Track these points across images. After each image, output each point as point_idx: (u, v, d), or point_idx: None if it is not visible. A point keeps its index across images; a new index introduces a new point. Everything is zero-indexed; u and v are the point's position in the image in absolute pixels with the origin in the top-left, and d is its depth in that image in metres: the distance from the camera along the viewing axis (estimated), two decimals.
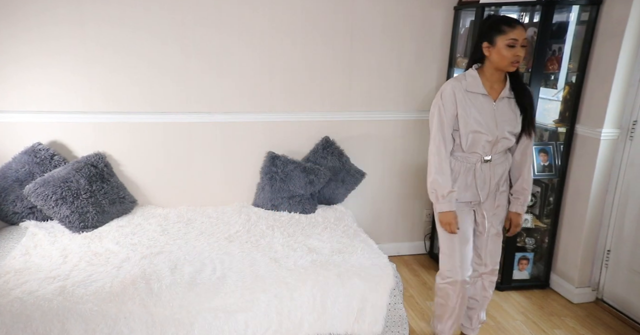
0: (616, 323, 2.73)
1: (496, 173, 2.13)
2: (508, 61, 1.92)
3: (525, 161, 2.16)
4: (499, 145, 2.07)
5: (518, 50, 1.91)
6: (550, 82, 2.95)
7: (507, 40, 1.89)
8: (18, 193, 2.66)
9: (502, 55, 1.92)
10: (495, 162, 2.11)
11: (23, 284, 2.03)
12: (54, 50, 2.74)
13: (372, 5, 3.03)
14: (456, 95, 2.02)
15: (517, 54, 1.91)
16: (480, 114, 2.02)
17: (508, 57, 1.91)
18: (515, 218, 2.23)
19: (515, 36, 1.89)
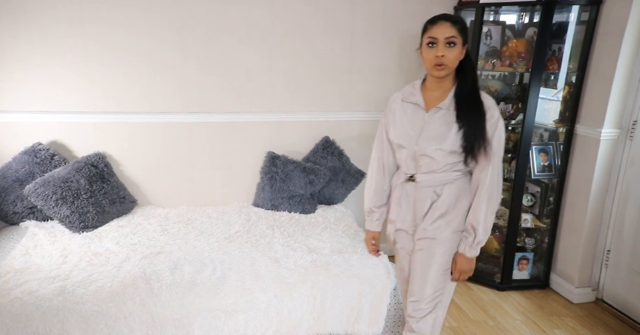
0: (616, 323, 2.73)
1: (425, 196, 1.77)
2: (430, 63, 1.65)
3: (479, 190, 1.72)
4: (421, 163, 1.74)
5: (439, 49, 1.62)
6: (550, 82, 2.95)
7: (426, 39, 1.65)
8: (18, 193, 2.66)
9: (424, 58, 1.67)
10: (424, 184, 1.77)
11: (23, 284, 2.04)
12: (54, 50, 2.74)
13: (372, 6, 3.03)
14: (393, 105, 1.83)
15: (438, 55, 1.62)
16: (408, 125, 1.76)
17: (428, 58, 1.65)
18: (459, 261, 1.77)
19: (433, 33, 1.63)
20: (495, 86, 3.11)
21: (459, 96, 1.69)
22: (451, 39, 1.62)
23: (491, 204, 1.72)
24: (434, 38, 1.63)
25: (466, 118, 1.66)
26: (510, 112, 2.96)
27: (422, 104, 1.74)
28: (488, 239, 3.17)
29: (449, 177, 1.75)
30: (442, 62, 1.62)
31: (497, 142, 1.69)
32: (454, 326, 2.63)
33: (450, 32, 1.62)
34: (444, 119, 1.70)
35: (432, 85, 1.74)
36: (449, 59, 1.63)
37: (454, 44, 1.62)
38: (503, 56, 2.90)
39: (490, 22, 2.99)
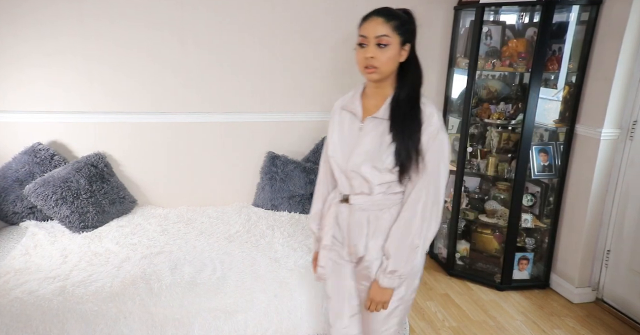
0: (616, 323, 2.73)
1: (359, 222, 1.54)
2: (360, 66, 1.44)
3: (404, 209, 1.48)
4: (354, 183, 1.51)
5: (369, 50, 1.40)
6: (550, 82, 2.95)
7: (358, 38, 1.44)
8: (18, 193, 2.66)
9: (357, 60, 1.45)
10: (358, 207, 1.54)
11: (23, 284, 2.04)
12: (54, 50, 2.74)
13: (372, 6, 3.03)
14: (333, 114, 1.63)
15: (367, 56, 1.40)
16: (343, 138, 1.55)
17: (358, 59, 1.44)
18: (372, 288, 1.56)
19: (364, 31, 1.42)
20: (495, 86, 3.11)
21: (395, 104, 1.46)
22: (382, 39, 1.39)
23: (417, 230, 1.46)
24: (364, 37, 1.41)
25: (399, 129, 1.43)
26: (510, 112, 2.96)
27: (359, 113, 1.52)
28: (488, 239, 3.20)
29: (387, 201, 1.51)
30: (371, 64, 1.40)
31: (435, 158, 1.43)
32: (454, 326, 2.63)
33: (382, 29, 1.38)
34: (378, 130, 1.47)
35: (371, 90, 1.53)
36: (381, 62, 1.40)
37: (386, 44, 1.39)
38: (503, 56, 2.90)
39: (490, 22, 2.99)
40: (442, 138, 1.45)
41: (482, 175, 3.20)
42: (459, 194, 3.10)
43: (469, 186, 3.28)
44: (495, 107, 3.00)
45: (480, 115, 3.01)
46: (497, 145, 3.07)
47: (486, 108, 3.01)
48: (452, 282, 3.13)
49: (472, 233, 3.22)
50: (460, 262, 3.23)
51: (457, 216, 3.13)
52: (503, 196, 3.09)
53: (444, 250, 3.30)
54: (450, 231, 3.20)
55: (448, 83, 3.20)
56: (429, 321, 2.67)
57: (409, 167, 1.43)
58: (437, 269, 3.31)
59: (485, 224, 3.12)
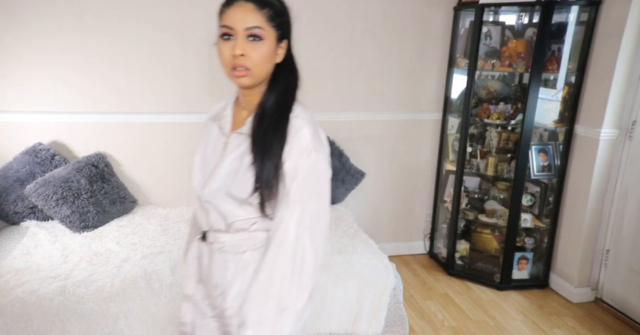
0: (615, 322, 2.73)
1: (220, 267, 1.19)
2: (226, 65, 1.10)
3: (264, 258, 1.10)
4: (210, 216, 1.18)
5: (237, 45, 1.06)
6: (549, 82, 2.95)
7: (220, 29, 1.09)
8: (19, 193, 2.66)
9: (219, 55, 1.11)
10: (217, 247, 1.20)
11: (24, 283, 2.04)
12: (54, 50, 2.75)
13: (372, 6, 3.04)
14: (203, 125, 1.31)
15: (235, 53, 1.06)
16: (205, 156, 1.23)
17: (223, 56, 1.09)
18: None
19: (229, 20, 1.06)
20: (495, 86, 3.11)
21: (260, 116, 1.14)
22: (254, 31, 1.06)
23: (283, 285, 1.06)
24: (229, 27, 1.06)
25: (259, 148, 1.09)
26: (509, 112, 2.96)
27: (227, 127, 1.20)
28: (488, 239, 3.21)
29: (252, 240, 1.16)
30: (242, 64, 1.07)
31: (303, 184, 1.08)
32: (454, 326, 2.64)
33: (254, 19, 1.06)
34: (240, 149, 1.15)
35: (242, 99, 1.20)
36: (253, 61, 1.07)
37: (260, 37, 1.06)
38: (502, 56, 2.90)
39: (490, 22, 3.00)
40: (315, 159, 1.09)
41: (482, 175, 3.21)
42: (459, 193, 3.11)
43: (468, 186, 3.28)
44: (495, 107, 3.01)
45: (479, 115, 3.02)
46: (496, 145, 3.08)
47: (486, 108, 3.01)
48: (451, 281, 3.14)
49: (471, 233, 3.22)
50: (460, 262, 3.24)
51: (456, 216, 3.14)
52: (503, 196, 3.10)
53: (444, 250, 3.31)
54: (450, 231, 3.21)
55: (448, 83, 3.20)
56: (429, 321, 2.68)
57: (268, 196, 1.09)
58: (437, 268, 3.32)
59: (485, 224, 3.12)
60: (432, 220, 3.49)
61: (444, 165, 3.34)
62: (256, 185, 1.09)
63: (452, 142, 3.27)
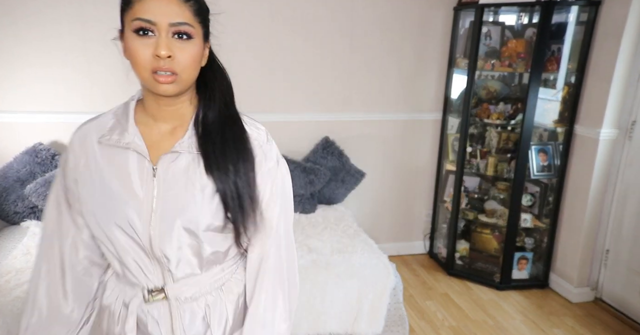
0: (615, 322, 2.74)
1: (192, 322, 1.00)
2: (144, 69, 0.87)
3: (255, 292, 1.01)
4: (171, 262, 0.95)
5: (162, 44, 0.85)
6: (549, 83, 2.96)
7: (132, 22, 0.86)
8: (19, 193, 2.66)
9: (131, 57, 0.89)
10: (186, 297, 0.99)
11: (24, 283, 2.04)
12: (54, 50, 2.75)
13: (372, 6, 3.04)
14: (78, 150, 0.99)
15: (160, 53, 0.85)
16: (123, 191, 0.93)
17: (140, 58, 0.87)
18: None
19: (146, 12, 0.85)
20: (495, 86, 3.11)
21: (205, 128, 0.96)
22: (183, 28, 0.87)
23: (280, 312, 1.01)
24: (149, 22, 0.85)
25: (222, 168, 0.94)
26: (509, 112, 2.97)
27: (144, 150, 0.94)
28: (487, 239, 3.21)
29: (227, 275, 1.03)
30: (168, 67, 0.86)
31: (283, 206, 1.01)
32: (454, 326, 2.64)
33: (181, 14, 0.86)
34: (189, 171, 0.94)
35: (156, 110, 0.96)
36: (182, 64, 0.88)
37: (190, 36, 0.88)
38: (502, 56, 2.91)
39: (490, 22, 3.00)
40: (285, 173, 1.03)
41: (482, 175, 3.21)
42: (459, 193, 3.11)
43: (468, 186, 3.29)
44: (495, 107, 3.01)
45: (479, 115, 3.02)
46: (496, 146, 3.08)
47: (486, 108, 3.02)
48: (451, 281, 3.14)
49: (471, 233, 3.23)
50: (460, 262, 3.24)
51: (456, 216, 3.14)
52: (502, 196, 3.10)
53: (444, 250, 3.31)
54: (449, 231, 3.21)
55: (448, 83, 3.20)
56: (429, 321, 2.68)
57: (246, 222, 0.96)
58: (437, 268, 3.32)
59: (485, 224, 3.13)
60: (432, 220, 3.49)
61: (444, 165, 3.34)
62: (226, 211, 0.94)
63: (452, 142, 3.28)
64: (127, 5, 0.88)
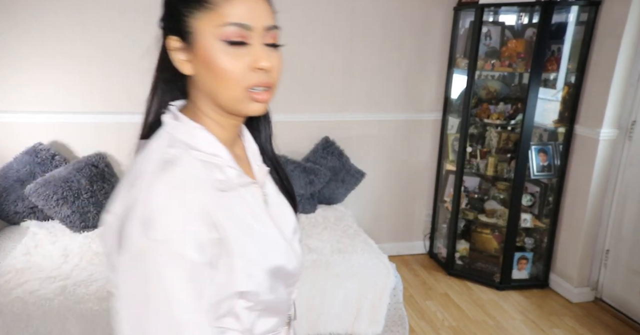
0: (615, 322, 2.73)
1: None
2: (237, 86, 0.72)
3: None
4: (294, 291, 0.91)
5: (261, 53, 0.72)
6: (549, 83, 2.96)
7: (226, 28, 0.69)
8: (19, 193, 2.66)
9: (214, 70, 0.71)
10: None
11: (24, 283, 2.04)
12: (54, 50, 2.75)
13: (372, 6, 3.04)
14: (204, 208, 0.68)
15: (261, 65, 0.71)
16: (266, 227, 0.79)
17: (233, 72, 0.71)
18: None
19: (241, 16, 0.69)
20: (495, 86, 3.12)
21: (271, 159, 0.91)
22: (276, 33, 0.75)
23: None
24: (247, 27, 0.70)
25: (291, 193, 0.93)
26: (509, 112, 2.97)
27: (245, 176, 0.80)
28: (487, 239, 3.21)
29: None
30: (266, 82, 0.73)
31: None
32: (454, 326, 2.64)
33: (271, 16, 0.74)
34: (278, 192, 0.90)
35: (225, 134, 0.80)
36: (277, 76, 0.76)
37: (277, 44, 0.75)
38: (502, 56, 2.91)
39: (490, 22, 3.00)
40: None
41: (482, 175, 3.21)
42: (459, 193, 3.11)
43: (468, 186, 3.29)
44: (495, 107, 3.01)
45: (479, 115, 3.02)
46: (496, 146, 3.08)
47: (485, 108, 3.02)
48: (451, 281, 3.14)
49: (471, 233, 3.23)
50: (460, 262, 3.24)
51: (456, 216, 3.14)
52: (502, 196, 3.10)
53: (444, 250, 3.31)
54: (449, 231, 3.21)
55: (448, 83, 3.20)
56: (429, 321, 2.68)
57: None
58: (437, 268, 3.32)
59: (485, 224, 3.13)
60: (432, 220, 3.49)
61: (444, 165, 3.34)
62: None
63: (452, 142, 3.28)
64: (202, 6, 0.69)
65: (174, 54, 0.75)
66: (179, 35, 0.73)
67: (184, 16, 0.71)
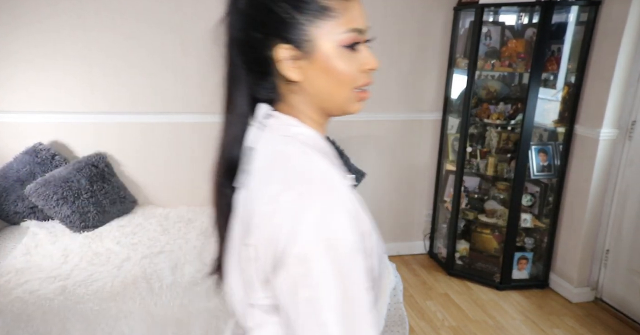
0: (615, 322, 2.73)
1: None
2: (347, 87, 0.76)
3: None
4: None
5: (371, 55, 0.78)
6: (549, 83, 2.96)
7: (348, 33, 0.73)
8: (19, 193, 2.66)
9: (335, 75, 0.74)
10: None
11: (24, 283, 2.04)
12: (55, 50, 2.75)
13: (372, 6, 3.04)
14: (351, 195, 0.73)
15: (374, 67, 0.79)
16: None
17: (348, 74, 0.75)
18: None
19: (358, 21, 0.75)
20: (495, 86, 3.11)
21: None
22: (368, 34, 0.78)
23: None
24: (363, 32, 0.76)
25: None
26: (509, 112, 2.97)
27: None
28: (487, 239, 3.21)
29: None
30: (369, 81, 0.79)
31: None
32: (454, 326, 2.64)
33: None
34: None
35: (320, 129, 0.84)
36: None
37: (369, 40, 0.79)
38: (502, 56, 2.91)
39: (490, 22, 3.00)
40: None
41: (482, 175, 3.21)
42: (459, 193, 3.11)
43: (468, 186, 3.29)
44: (495, 107, 3.01)
45: (479, 115, 3.02)
46: (496, 146, 3.08)
47: (486, 108, 3.02)
48: (451, 281, 3.14)
49: (471, 233, 3.23)
50: (460, 262, 3.24)
51: (456, 216, 3.14)
52: (502, 196, 3.10)
53: (444, 250, 3.31)
54: (449, 231, 3.21)
55: (448, 83, 3.20)
56: (429, 321, 2.68)
57: None
58: (437, 268, 3.32)
59: (485, 224, 3.12)
60: (432, 220, 3.49)
61: (444, 165, 3.34)
62: None
63: (452, 142, 3.27)
64: (326, 15, 0.71)
65: (284, 62, 0.73)
66: (293, 44, 0.72)
67: (302, 25, 0.71)
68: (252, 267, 0.71)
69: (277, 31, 0.72)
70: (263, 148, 0.76)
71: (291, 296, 0.66)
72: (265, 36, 0.73)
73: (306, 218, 0.65)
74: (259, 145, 0.77)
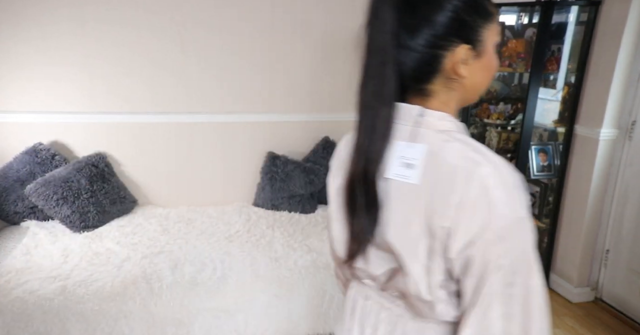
0: (615, 322, 2.73)
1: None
2: (491, 78, 0.90)
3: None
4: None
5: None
6: (549, 83, 2.96)
7: (498, 36, 0.87)
8: (19, 193, 2.67)
9: (491, 69, 0.88)
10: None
11: (24, 283, 2.04)
12: (54, 50, 2.75)
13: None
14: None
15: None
16: None
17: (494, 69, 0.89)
18: None
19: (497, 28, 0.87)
20: (495, 86, 3.12)
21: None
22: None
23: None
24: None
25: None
26: (509, 112, 2.97)
27: None
28: None
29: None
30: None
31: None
32: None
33: None
34: None
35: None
36: None
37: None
38: (502, 56, 2.91)
39: None
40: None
41: None
42: None
43: None
44: (495, 107, 3.01)
45: (479, 115, 3.02)
46: (496, 146, 3.08)
47: (485, 108, 3.02)
48: None
49: None
50: None
51: None
52: None
53: None
54: None
55: None
56: None
57: None
58: None
59: None
60: None
61: None
62: None
63: None
64: (491, 19, 0.84)
65: (462, 60, 0.82)
66: (471, 44, 0.82)
67: (480, 28, 0.82)
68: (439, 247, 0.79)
69: (459, 33, 0.81)
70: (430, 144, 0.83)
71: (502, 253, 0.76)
72: (446, 38, 0.81)
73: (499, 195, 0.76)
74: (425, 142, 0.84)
